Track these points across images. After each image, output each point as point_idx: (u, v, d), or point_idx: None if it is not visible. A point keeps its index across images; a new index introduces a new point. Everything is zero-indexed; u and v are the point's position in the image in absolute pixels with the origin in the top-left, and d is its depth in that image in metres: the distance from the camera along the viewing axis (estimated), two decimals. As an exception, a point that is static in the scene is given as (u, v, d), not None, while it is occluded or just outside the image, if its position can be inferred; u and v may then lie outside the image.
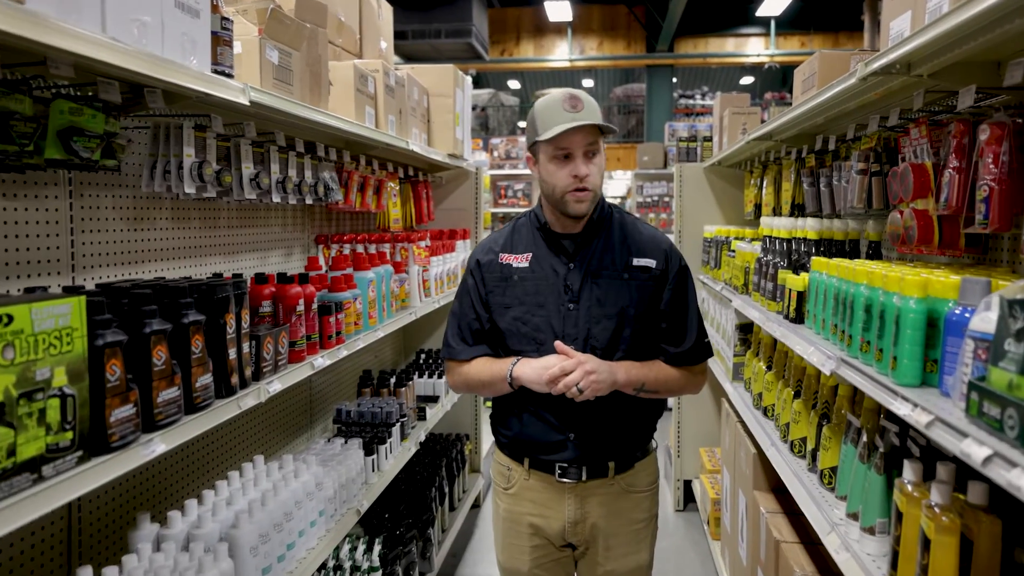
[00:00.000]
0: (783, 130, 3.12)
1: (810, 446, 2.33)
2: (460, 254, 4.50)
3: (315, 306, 2.35)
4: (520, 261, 2.11)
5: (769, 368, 2.98)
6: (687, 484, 5.06)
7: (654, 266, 2.08)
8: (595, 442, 2.06)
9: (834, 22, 15.96)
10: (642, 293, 2.06)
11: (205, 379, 1.68)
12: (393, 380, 3.65)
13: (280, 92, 2.17)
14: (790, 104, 5.15)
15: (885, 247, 2.74)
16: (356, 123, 2.75)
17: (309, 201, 2.84)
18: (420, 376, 4.18)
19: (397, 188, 3.92)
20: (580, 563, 2.20)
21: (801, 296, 2.43)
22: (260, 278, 2.23)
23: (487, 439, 5.40)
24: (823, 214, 2.93)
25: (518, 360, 2.03)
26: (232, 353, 1.80)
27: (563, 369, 1.91)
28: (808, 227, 2.69)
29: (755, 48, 16.58)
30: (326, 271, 2.88)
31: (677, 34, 15.88)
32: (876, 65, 1.72)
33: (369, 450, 2.94)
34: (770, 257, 2.89)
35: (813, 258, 2.34)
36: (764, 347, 3.06)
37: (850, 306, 1.87)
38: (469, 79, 4.54)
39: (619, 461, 2.10)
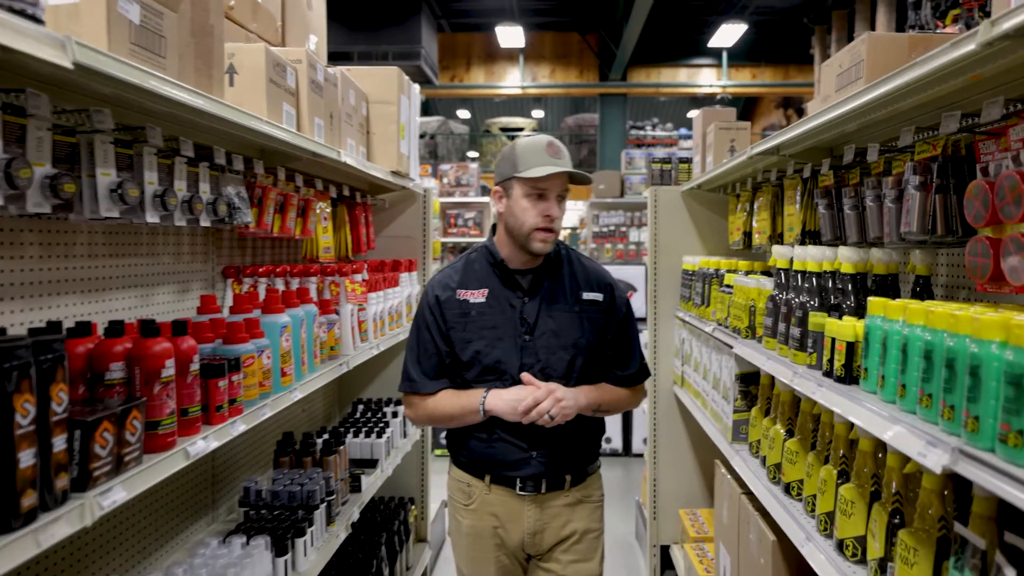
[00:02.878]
0: (794, 143, 2.57)
1: (875, 552, 1.73)
2: (405, 289, 3.85)
3: (195, 366, 1.67)
4: (477, 297, 2.25)
5: (790, 434, 2.39)
6: (664, 551, 4.43)
7: (601, 299, 2.30)
8: (556, 458, 2.23)
9: (784, 55, 15.92)
10: (592, 325, 2.27)
11: (-36, 508, 1.00)
12: (319, 446, 2.96)
13: (141, 63, 1.51)
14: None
15: (939, 284, 2.19)
16: (266, 121, 2.10)
17: (205, 222, 2.18)
18: (356, 435, 3.49)
19: (329, 210, 3.26)
20: (534, 573, 2.31)
21: (852, 348, 1.85)
22: (114, 329, 1.56)
23: (436, 498, 4.72)
24: (848, 242, 2.38)
25: (488, 392, 2.18)
26: (27, 457, 1.12)
27: (536, 399, 2.09)
28: (847, 258, 2.13)
29: (707, 79, 16.44)
30: (227, 314, 2.21)
31: (630, 63, 15.62)
32: (1017, 21, 1.15)
33: (281, 548, 2.25)
34: (792, 295, 2.32)
35: (871, 299, 1.77)
36: (782, 406, 2.47)
37: (968, 372, 1.28)
38: (416, 87, 3.94)
39: (575, 474, 2.28)
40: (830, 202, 2.55)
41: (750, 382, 2.94)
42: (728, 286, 3.11)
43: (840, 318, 2.00)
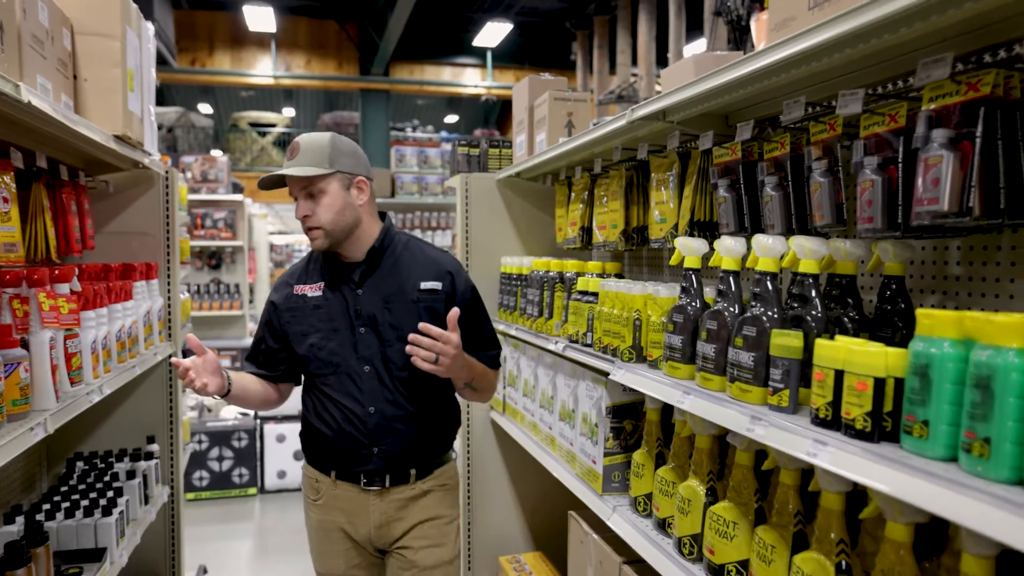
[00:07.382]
0: (698, 101, 1.96)
1: None
2: (143, 303, 2.77)
3: None
4: (314, 291, 2.23)
5: (712, 494, 1.76)
6: (484, 608, 3.72)
7: (440, 288, 2.22)
8: (398, 454, 2.19)
9: (547, 59, 16.09)
10: (432, 316, 2.17)
11: None
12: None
13: None
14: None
15: (920, 285, 1.68)
16: None
17: None
18: (70, 515, 2.39)
19: (14, 188, 2.12)
20: (389, 564, 2.26)
21: (880, 387, 1.23)
22: None
23: (192, 565, 3.62)
24: (770, 234, 1.81)
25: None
26: None
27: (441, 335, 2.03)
28: (812, 253, 1.53)
29: (472, 79, 16.18)
30: None
31: (393, 58, 14.85)
32: None
33: None
34: (723, 305, 1.69)
35: (924, 311, 1.16)
36: (698, 454, 1.83)
37: None
38: (151, 25, 2.85)
39: (420, 468, 2.23)
40: (733, 182, 1.98)
41: (625, 416, 2.30)
42: (587, 293, 2.45)
43: (831, 337, 1.38)
